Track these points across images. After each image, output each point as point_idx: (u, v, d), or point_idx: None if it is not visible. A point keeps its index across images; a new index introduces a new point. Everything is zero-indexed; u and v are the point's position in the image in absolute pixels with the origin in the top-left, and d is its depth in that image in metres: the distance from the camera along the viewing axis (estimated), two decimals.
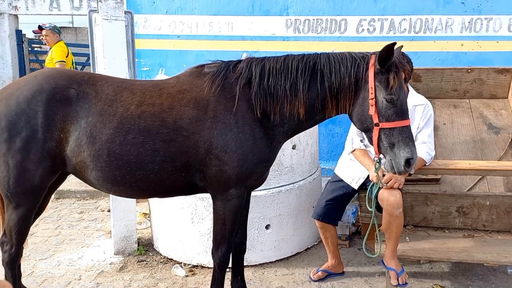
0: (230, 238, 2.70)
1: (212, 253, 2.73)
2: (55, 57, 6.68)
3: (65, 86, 2.50)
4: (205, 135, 2.48)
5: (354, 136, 3.22)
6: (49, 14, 14.14)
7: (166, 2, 5.67)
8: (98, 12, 3.73)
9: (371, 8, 5.46)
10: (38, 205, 2.68)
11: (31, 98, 2.45)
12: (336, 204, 3.27)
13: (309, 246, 3.94)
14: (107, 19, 3.53)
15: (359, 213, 3.51)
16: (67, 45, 14.25)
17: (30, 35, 17.85)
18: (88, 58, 14.08)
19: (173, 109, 2.50)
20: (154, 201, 3.91)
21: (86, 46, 14.85)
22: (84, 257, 3.92)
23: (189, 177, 2.57)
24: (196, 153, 2.50)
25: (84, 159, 2.47)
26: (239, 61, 2.67)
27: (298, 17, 5.57)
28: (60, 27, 16.40)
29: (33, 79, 2.53)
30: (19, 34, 13.75)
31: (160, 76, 4.18)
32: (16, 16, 13.71)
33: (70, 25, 16.95)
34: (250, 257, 3.56)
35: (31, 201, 2.60)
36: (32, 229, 4.56)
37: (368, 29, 5.50)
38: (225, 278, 2.82)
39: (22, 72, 13.92)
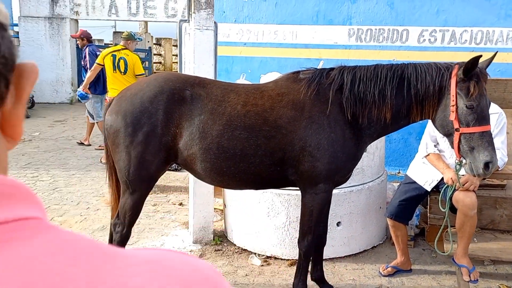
0: (315, 229, 2.99)
1: (299, 242, 3.03)
2: (136, 70, 6.87)
3: (181, 88, 2.85)
4: (301, 134, 2.79)
5: (428, 141, 3.44)
6: (107, 20, 14.96)
7: (235, 12, 6.05)
8: (188, 22, 4.11)
9: (432, 19, 5.65)
10: (149, 192, 3.05)
11: (153, 98, 2.82)
12: (408, 204, 3.49)
13: (375, 245, 4.17)
14: (199, 29, 3.90)
15: (428, 214, 3.72)
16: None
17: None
18: (142, 62, 14.77)
19: (274, 109, 2.82)
20: (230, 196, 4.24)
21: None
22: (165, 244, 4.29)
23: (283, 171, 2.88)
24: (291, 150, 2.80)
25: (196, 152, 2.81)
26: (331, 69, 2.97)
27: (360, 26, 5.83)
28: (115, 32, 17.18)
29: (154, 81, 2.90)
30: None
31: (242, 80, 4.52)
32: (76, 21, 14.57)
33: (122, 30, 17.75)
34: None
35: (145, 188, 2.97)
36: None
37: (429, 39, 5.69)
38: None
39: (80, 74, 14.74)
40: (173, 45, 22.65)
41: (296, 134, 2.79)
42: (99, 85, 8.03)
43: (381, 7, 5.76)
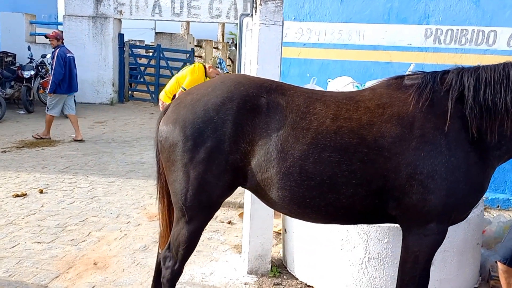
0: (420, 280, 2.32)
1: None
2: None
3: (255, 94, 2.26)
4: (409, 157, 2.14)
5: None
6: (151, 19, 14.68)
7: (295, 8, 5.44)
8: (251, 16, 3.52)
9: None
10: (208, 221, 2.47)
11: (220, 106, 2.23)
12: None
13: None
14: (265, 24, 3.30)
15: None
16: (163, 49, 14.68)
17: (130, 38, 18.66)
18: (184, 64, 14.47)
19: (373, 125, 2.18)
20: (293, 220, 3.61)
21: (181, 51, 15.22)
22: (216, 273, 3.71)
23: (382, 204, 2.23)
24: (395, 177, 2.16)
25: (272, 176, 2.20)
26: (446, 72, 2.31)
27: (439, 26, 5.09)
28: (157, 33, 16.98)
29: (221, 85, 2.32)
30: (121, 37, 14.39)
31: (312, 85, 3.90)
32: (120, 20, 14.35)
33: (165, 31, 17.50)
34: None
35: (205, 216, 2.40)
36: (157, 235, 4.48)
37: None
38: None
39: (121, 75, 14.52)
40: (214, 47, 22.32)
41: (403, 158, 2.14)
42: (63, 84, 8.44)
43: (465, 5, 5.01)
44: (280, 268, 3.78)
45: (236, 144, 2.22)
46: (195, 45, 19.54)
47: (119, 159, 7.49)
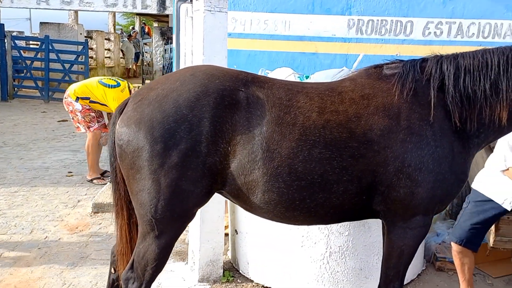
0: (404, 274, 2.29)
1: None
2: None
3: (232, 88, 2.00)
4: (397, 150, 2.06)
5: (507, 154, 2.85)
6: (36, 8, 13.22)
7: None
8: (190, 2, 3.21)
9: (439, 10, 5.17)
10: (180, 234, 2.16)
11: (194, 102, 1.94)
12: (482, 227, 2.91)
13: (419, 272, 3.55)
14: (210, 10, 3.03)
15: (494, 237, 3.14)
16: (52, 41, 13.31)
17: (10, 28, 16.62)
18: (77, 56, 13.23)
19: (361, 118, 2.06)
20: (244, 219, 3.41)
21: (73, 43, 13.91)
22: (163, 285, 3.37)
23: (368, 200, 2.13)
24: (383, 172, 2.07)
25: (257, 178, 1.98)
26: (424, 60, 2.27)
27: (361, 17, 5.21)
28: (43, 23, 15.35)
29: (192, 78, 2.02)
30: (1, 28, 12.73)
31: None
32: None
33: (50, 21, 15.88)
34: (368, 286, 3.14)
35: (178, 229, 2.10)
36: (84, 250, 3.96)
37: (435, 32, 5.20)
38: None
39: (3, 70, 12.87)
40: (105, 39, 20.95)
41: (391, 151, 2.06)
42: None
43: None
44: (232, 272, 3.56)
45: (215, 144, 1.96)
46: (86, 36, 18.11)
47: (17, 165, 6.59)
